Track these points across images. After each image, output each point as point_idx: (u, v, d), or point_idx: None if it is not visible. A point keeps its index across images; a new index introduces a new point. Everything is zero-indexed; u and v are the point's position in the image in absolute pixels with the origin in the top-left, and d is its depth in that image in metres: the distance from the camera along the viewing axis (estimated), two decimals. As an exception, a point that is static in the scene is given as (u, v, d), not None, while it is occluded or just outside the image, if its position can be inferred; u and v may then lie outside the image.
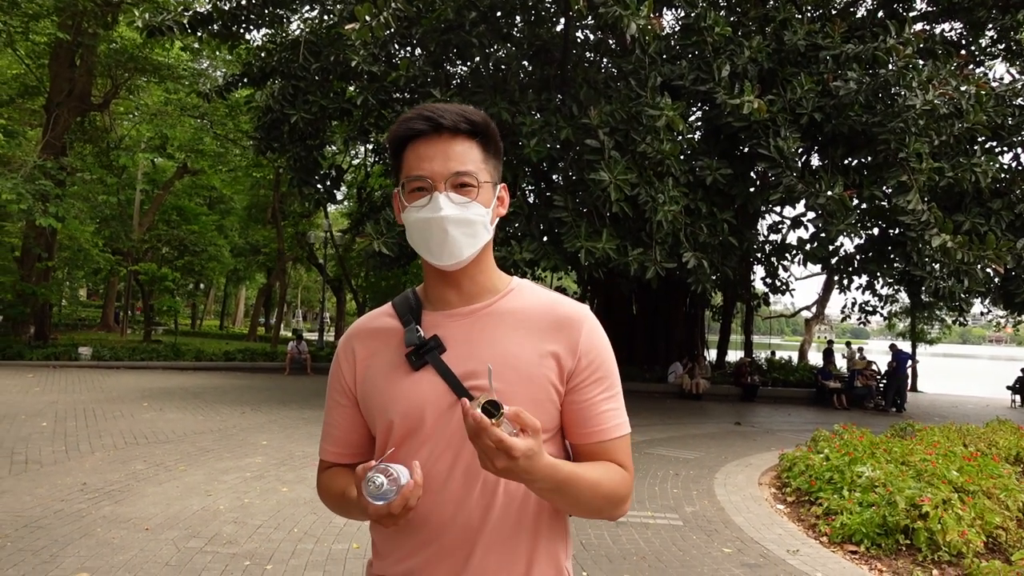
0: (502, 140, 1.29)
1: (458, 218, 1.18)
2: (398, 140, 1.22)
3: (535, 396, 1.18)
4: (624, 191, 9.35)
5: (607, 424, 1.22)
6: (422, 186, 1.19)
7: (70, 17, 16.59)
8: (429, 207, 1.18)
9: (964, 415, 15.00)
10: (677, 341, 17.35)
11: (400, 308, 1.29)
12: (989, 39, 14.32)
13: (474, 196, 1.19)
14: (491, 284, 1.27)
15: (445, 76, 12.91)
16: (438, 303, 1.27)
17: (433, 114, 1.19)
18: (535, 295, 1.27)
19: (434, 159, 1.18)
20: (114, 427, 8.81)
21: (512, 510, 1.19)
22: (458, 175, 1.18)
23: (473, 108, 1.24)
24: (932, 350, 34.86)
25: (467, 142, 1.20)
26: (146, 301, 26.62)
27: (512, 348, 1.20)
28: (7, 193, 13.88)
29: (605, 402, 1.23)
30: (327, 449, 1.36)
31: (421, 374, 1.21)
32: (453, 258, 1.19)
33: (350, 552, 4.67)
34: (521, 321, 1.23)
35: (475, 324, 1.23)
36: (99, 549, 4.48)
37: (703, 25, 9.96)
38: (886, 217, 12.36)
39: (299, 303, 54.77)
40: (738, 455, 8.74)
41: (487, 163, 1.23)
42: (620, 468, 1.22)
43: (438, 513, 1.18)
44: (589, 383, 1.22)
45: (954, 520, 4.79)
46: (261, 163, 21.97)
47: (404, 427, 1.21)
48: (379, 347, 1.28)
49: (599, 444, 1.22)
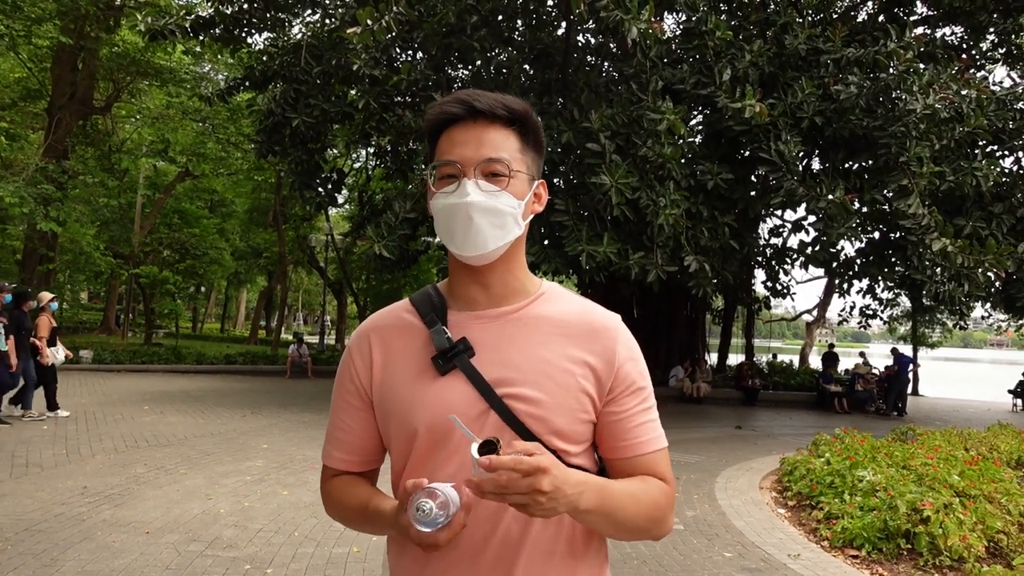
0: None
1: (486, 206, 1.10)
2: (434, 125, 1.16)
3: (569, 405, 1.12)
4: (625, 195, 9.35)
5: (644, 437, 1.16)
6: (451, 172, 1.12)
7: (73, 21, 16.65)
8: (456, 193, 1.11)
9: (965, 419, 14.98)
10: (678, 345, 17.34)
11: (422, 306, 1.20)
12: (990, 43, 14.34)
13: (505, 185, 1.12)
14: (521, 286, 1.19)
15: (446, 80, 12.93)
16: (464, 302, 1.19)
17: (469, 97, 1.13)
18: (568, 301, 1.20)
19: (466, 144, 1.12)
20: (115, 430, 8.81)
21: (550, 525, 1.12)
22: (490, 162, 1.11)
23: (514, 97, 1.17)
24: (933, 354, 34.86)
25: (504, 130, 1.14)
26: (147, 304, 26.64)
27: (546, 354, 1.13)
28: (9, 196, 13.91)
29: (641, 414, 1.16)
30: (334, 455, 1.24)
31: (448, 380, 1.12)
32: (478, 248, 1.12)
33: (351, 556, 4.66)
34: (554, 327, 1.16)
35: (505, 328, 1.15)
36: (99, 553, 4.47)
37: (704, 29, 9.97)
38: (887, 221, 12.36)
39: (300, 306, 54.78)
40: (739, 459, 8.73)
41: (524, 154, 1.16)
42: (659, 481, 1.15)
43: (471, 533, 1.08)
44: (626, 395, 1.15)
45: (955, 524, 4.79)
46: (262, 166, 22.00)
47: (430, 438, 1.12)
48: (399, 347, 1.18)
49: (637, 458, 1.15)
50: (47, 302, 9.66)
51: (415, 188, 11.26)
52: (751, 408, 15.80)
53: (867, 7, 14.68)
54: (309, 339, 22.86)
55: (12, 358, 8.64)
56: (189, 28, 11.96)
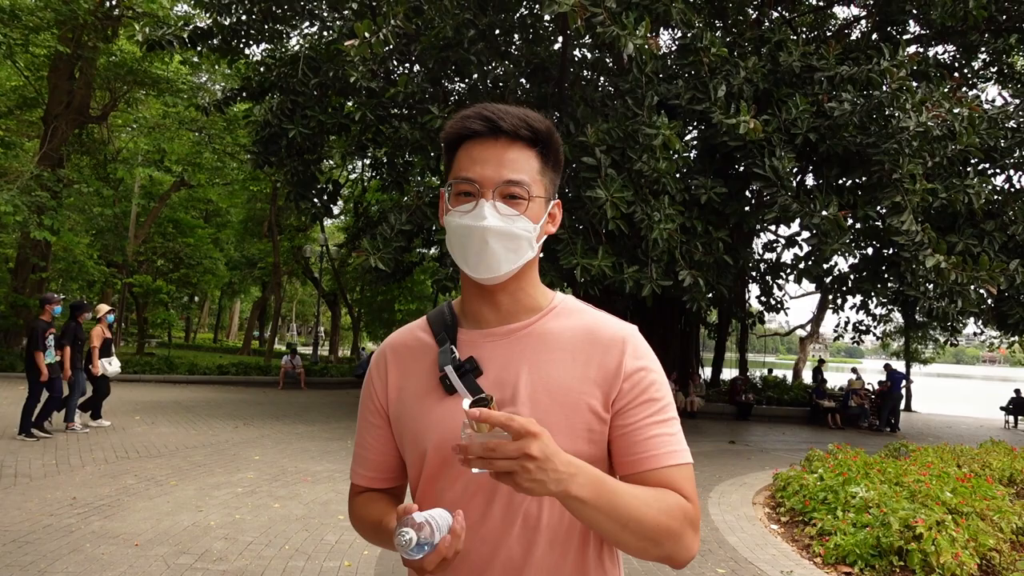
0: None
1: (502, 230, 1.08)
2: (453, 138, 1.13)
3: (572, 425, 1.09)
4: (620, 209, 9.39)
5: (657, 451, 1.08)
6: (469, 190, 1.09)
7: (70, 30, 16.67)
8: (472, 214, 1.08)
9: (958, 435, 15.01)
10: (671, 359, 17.35)
11: (435, 324, 1.20)
12: (982, 62, 14.50)
13: (523, 209, 1.10)
14: (532, 302, 1.17)
15: (443, 93, 12.99)
16: (475, 320, 1.18)
17: (493, 115, 1.10)
18: (578, 315, 1.17)
19: (487, 163, 1.09)
20: (105, 441, 8.75)
21: (556, 547, 1.09)
22: (509, 184, 1.09)
23: (537, 115, 1.13)
24: (926, 370, 34.94)
25: (526, 150, 1.11)
26: (140, 313, 26.55)
27: (551, 373, 1.11)
28: (2, 205, 13.87)
29: (655, 426, 1.10)
30: (359, 473, 1.26)
31: (455, 399, 1.11)
32: (490, 272, 1.10)
33: (341, 570, 4.63)
34: (561, 344, 1.13)
35: (514, 346, 1.14)
36: (88, 565, 4.43)
37: (700, 46, 10.05)
38: (880, 237, 12.43)
39: (294, 317, 54.65)
40: (732, 474, 8.72)
41: (543, 175, 1.14)
42: (678, 495, 1.07)
43: (476, 552, 1.08)
44: (635, 406, 1.10)
45: (948, 542, 4.78)
46: (258, 177, 22.03)
47: (438, 458, 1.11)
48: (412, 366, 1.19)
49: (650, 472, 1.07)
50: (104, 314, 9.82)
51: (411, 200, 11.27)
52: (744, 423, 15.80)
53: (861, 26, 14.84)
54: (303, 350, 22.80)
55: (66, 369, 8.92)
56: (187, 39, 12.01)
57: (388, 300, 27.45)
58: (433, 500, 1.13)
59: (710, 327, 21.87)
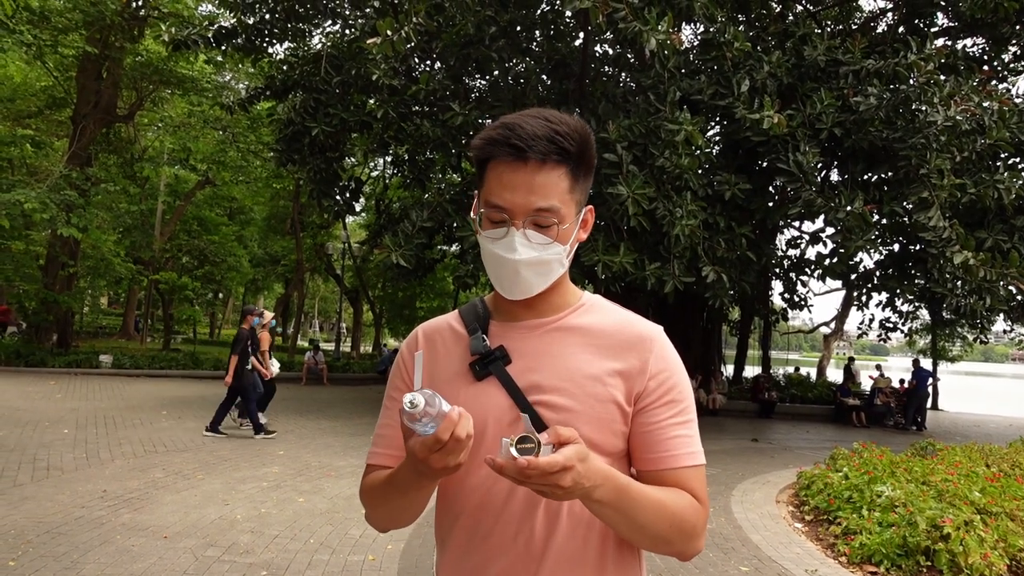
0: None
1: (532, 261, 1.11)
2: (481, 156, 1.13)
3: (598, 415, 1.12)
4: (642, 205, 9.34)
5: (677, 451, 1.13)
6: (499, 218, 1.11)
7: (98, 31, 16.93)
8: (503, 244, 1.11)
9: (987, 435, 14.76)
10: (694, 356, 17.25)
11: (467, 316, 1.24)
12: (1012, 55, 14.20)
13: (554, 235, 1.11)
14: (563, 300, 1.21)
15: (464, 90, 13.00)
16: (507, 315, 1.21)
17: (521, 142, 1.06)
18: (606, 312, 1.21)
19: (516, 190, 1.08)
20: (133, 435, 8.90)
21: (578, 534, 1.13)
22: (539, 212, 1.09)
23: (569, 122, 1.10)
24: (954, 368, 34.39)
25: (556, 170, 1.09)
26: (166, 310, 26.92)
27: (578, 364, 1.14)
28: (31, 203, 14.13)
29: (676, 427, 1.14)
30: (377, 453, 1.24)
31: (484, 385, 1.15)
32: (524, 295, 1.15)
33: (366, 564, 4.68)
34: (590, 337, 1.17)
35: (543, 338, 1.17)
36: (119, 556, 4.52)
37: (722, 40, 9.96)
38: (907, 233, 12.24)
39: (316, 313, 55.06)
40: (755, 472, 8.66)
41: (574, 192, 1.13)
42: (691, 496, 1.12)
43: (500, 532, 1.12)
44: (658, 405, 1.14)
45: (976, 542, 4.72)
46: (281, 175, 22.19)
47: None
48: (443, 352, 1.22)
49: (667, 472, 1.13)
50: (268, 319, 10.21)
51: (432, 197, 11.31)
52: (767, 421, 15.68)
53: (887, 18, 14.62)
54: (325, 346, 22.96)
55: (229, 374, 9.28)
56: (212, 38, 12.12)
57: (409, 297, 27.57)
58: (456, 484, 1.17)
59: (732, 324, 21.71)
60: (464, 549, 1.16)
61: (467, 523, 1.16)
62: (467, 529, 1.16)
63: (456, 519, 1.18)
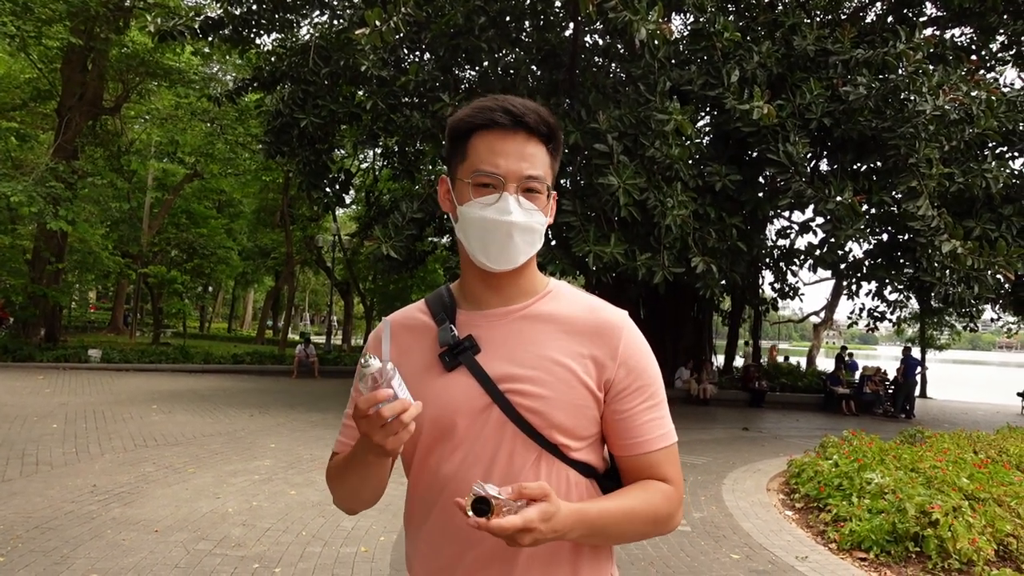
0: None
1: (525, 225, 1.12)
2: (468, 126, 1.15)
3: (572, 401, 1.13)
4: (633, 195, 9.34)
5: (650, 435, 1.17)
6: (492, 183, 1.12)
7: (82, 22, 16.72)
8: (496, 207, 1.12)
9: (974, 422, 14.91)
10: (684, 346, 17.31)
11: (434, 305, 1.24)
12: (1000, 44, 14.25)
13: (541, 204, 1.15)
14: (530, 286, 1.21)
15: (454, 80, 12.94)
16: (474, 302, 1.21)
17: (515, 109, 1.12)
18: (574, 299, 1.22)
19: (510, 156, 1.12)
20: (123, 429, 8.86)
21: None
22: (530, 179, 1.13)
23: (546, 109, 1.17)
24: (942, 356, 34.67)
25: (540, 145, 1.15)
26: (155, 304, 26.77)
27: (549, 351, 1.15)
28: (18, 196, 13.99)
29: (647, 412, 1.17)
30: (343, 442, 1.27)
31: (454, 375, 1.16)
32: (510, 264, 1.15)
33: (358, 556, 4.68)
34: (559, 325, 1.18)
35: (511, 326, 1.18)
36: (109, 551, 4.50)
37: (712, 30, 9.95)
38: (896, 222, 12.30)
39: (307, 306, 54.92)
40: (746, 461, 8.71)
41: (551, 169, 1.18)
42: (661, 484, 1.17)
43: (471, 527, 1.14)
44: (630, 392, 1.17)
45: (964, 528, 4.77)
46: (270, 167, 22.08)
47: (435, 430, 1.15)
48: (411, 344, 1.22)
49: (643, 456, 1.17)
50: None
51: (422, 189, 11.28)
52: (758, 410, 15.76)
53: (876, 8, 14.64)
54: (316, 339, 22.93)
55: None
56: (198, 29, 12.00)
57: (400, 289, 27.51)
58: (429, 474, 1.18)
59: (723, 314, 21.78)
60: (438, 540, 1.16)
61: (441, 513, 1.16)
62: (441, 520, 1.16)
63: (430, 510, 1.18)
